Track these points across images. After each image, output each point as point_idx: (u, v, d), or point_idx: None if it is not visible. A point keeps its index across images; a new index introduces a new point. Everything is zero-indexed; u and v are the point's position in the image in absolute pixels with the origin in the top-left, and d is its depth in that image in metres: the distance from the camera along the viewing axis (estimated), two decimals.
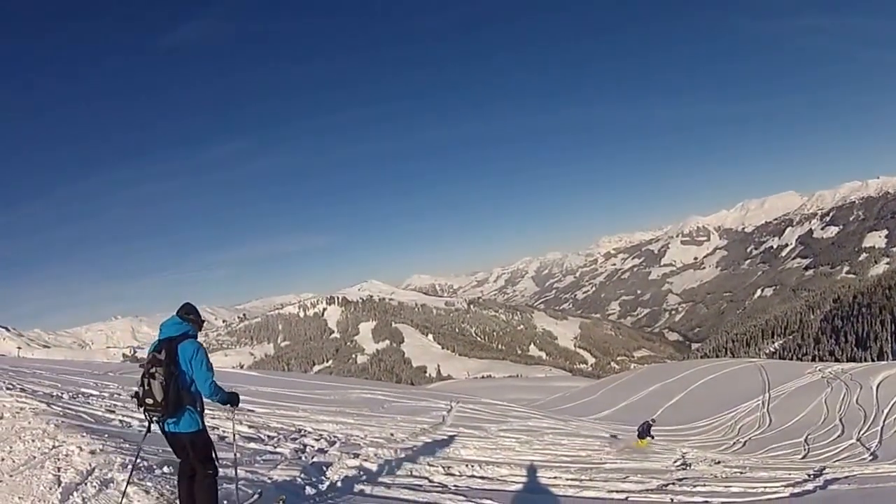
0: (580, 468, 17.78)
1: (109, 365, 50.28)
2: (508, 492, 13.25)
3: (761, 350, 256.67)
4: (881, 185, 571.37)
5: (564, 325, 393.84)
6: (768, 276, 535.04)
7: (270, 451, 14.75)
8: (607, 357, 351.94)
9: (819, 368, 74.78)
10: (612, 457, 23.04)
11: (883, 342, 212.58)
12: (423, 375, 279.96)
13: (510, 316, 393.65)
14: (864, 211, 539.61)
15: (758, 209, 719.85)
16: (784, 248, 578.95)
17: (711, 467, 21.81)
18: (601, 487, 14.37)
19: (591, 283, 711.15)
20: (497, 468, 15.76)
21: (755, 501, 14.08)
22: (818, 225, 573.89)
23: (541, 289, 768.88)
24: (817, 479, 17.92)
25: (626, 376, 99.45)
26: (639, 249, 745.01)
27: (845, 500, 14.80)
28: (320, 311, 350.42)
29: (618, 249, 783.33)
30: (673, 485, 15.59)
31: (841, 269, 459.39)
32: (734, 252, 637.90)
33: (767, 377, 69.90)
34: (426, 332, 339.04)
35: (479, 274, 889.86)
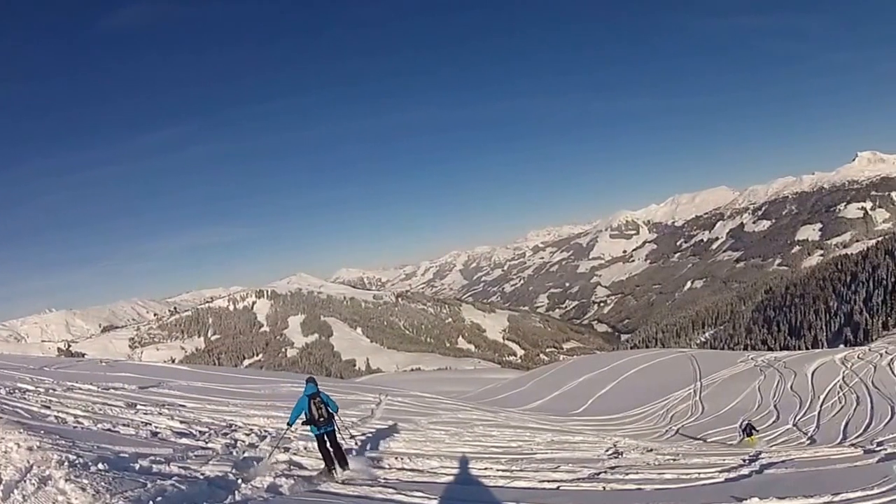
0: (511, 459, 17.85)
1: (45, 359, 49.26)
2: (439, 484, 13.20)
3: (692, 340, 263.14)
4: (815, 180, 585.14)
5: (493, 317, 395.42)
6: (698, 268, 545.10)
7: (202, 446, 14.67)
8: (536, 349, 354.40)
9: (751, 357, 75.90)
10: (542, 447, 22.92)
11: (817, 331, 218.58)
12: (353, 369, 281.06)
13: (438, 309, 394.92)
14: (798, 205, 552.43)
15: (689, 203, 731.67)
16: (714, 241, 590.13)
17: (644, 455, 22.00)
18: (532, 477, 14.39)
19: (519, 277, 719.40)
20: (427, 460, 15.87)
21: (689, 488, 14.22)
22: (750, 219, 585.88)
23: (469, 282, 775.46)
24: (753, 463, 18.14)
25: (555, 367, 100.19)
26: (567, 243, 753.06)
27: (782, 483, 14.82)
28: (249, 305, 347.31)
29: (546, 243, 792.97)
30: (605, 473, 15.66)
31: (773, 261, 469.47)
32: (664, 245, 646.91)
33: (699, 366, 70.71)
34: (355, 325, 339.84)
35: (408, 267, 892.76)
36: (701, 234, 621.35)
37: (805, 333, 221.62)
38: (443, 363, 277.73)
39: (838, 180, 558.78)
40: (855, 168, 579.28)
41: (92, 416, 17.02)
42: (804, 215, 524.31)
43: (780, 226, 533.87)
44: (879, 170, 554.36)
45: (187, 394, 27.14)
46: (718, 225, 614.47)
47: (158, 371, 40.91)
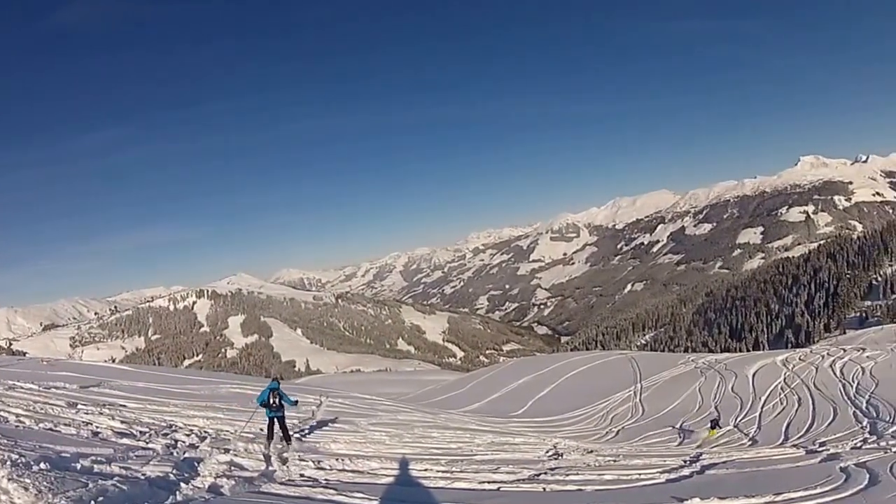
0: (451, 460, 17.82)
1: None
2: (379, 485, 13.24)
3: (632, 342, 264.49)
4: (758, 184, 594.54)
5: (433, 319, 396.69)
6: (639, 271, 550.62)
7: (143, 446, 14.58)
8: (476, 350, 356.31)
9: (692, 359, 76.01)
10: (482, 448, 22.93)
11: (759, 333, 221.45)
12: (293, 370, 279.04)
13: (378, 310, 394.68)
14: (740, 209, 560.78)
15: (630, 207, 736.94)
16: (655, 244, 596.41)
17: (584, 456, 22.11)
18: (472, 479, 14.45)
19: (459, 279, 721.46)
20: (367, 462, 15.85)
21: (630, 488, 14.35)
22: (691, 222, 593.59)
23: (409, 283, 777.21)
24: (694, 464, 18.37)
25: (495, 369, 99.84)
26: (508, 245, 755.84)
27: (724, 483, 15.03)
28: (190, 305, 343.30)
29: (486, 245, 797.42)
30: (545, 474, 15.73)
31: (714, 264, 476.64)
32: (604, 248, 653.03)
33: (639, 368, 70.85)
34: (295, 326, 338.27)
35: (348, 268, 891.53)
36: (642, 237, 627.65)
37: (746, 336, 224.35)
38: (383, 365, 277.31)
39: (780, 184, 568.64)
40: (797, 172, 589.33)
41: (33, 416, 16.95)
42: (746, 219, 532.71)
43: (721, 229, 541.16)
44: (822, 174, 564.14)
45: (128, 394, 26.92)
46: (659, 228, 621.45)
47: (99, 370, 40.45)
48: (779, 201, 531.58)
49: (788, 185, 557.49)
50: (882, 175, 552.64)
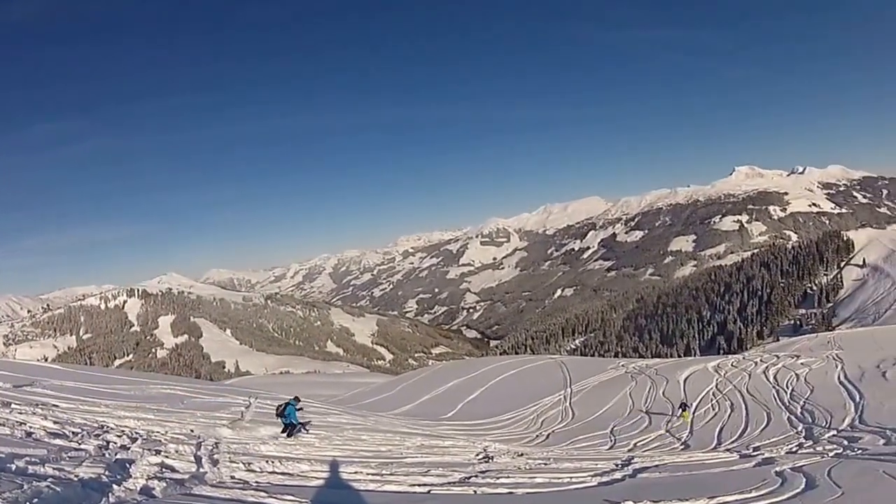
0: (381, 463, 17.79)
1: None
2: (310, 487, 13.16)
3: (562, 347, 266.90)
4: (691, 193, 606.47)
5: (362, 321, 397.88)
6: (568, 276, 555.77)
7: (75, 447, 14.18)
8: (405, 353, 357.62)
9: (622, 364, 76.41)
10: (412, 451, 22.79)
11: (690, 339, 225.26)
12: (222, 371, 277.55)
13: (307, 312, 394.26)
14: (672, 217, 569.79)
15: (561, 213, 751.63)
16: (586, 250, 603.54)
17: (514, 459, 22.00)
18: (403, 482, 14.42)
19: (388, 281, 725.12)
20: (297, 464, 15.70)
21: (562, 492, 14.42)
22: (622, 229, 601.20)
23: (338, 285, 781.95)
24: (626, 468, 18.39)
25: (424, 372, 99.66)
26: (437, 249, 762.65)
27: (656, 487, 15.11)
28: (121, 304, 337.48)
29: (416, 248, 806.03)
30: (476, 477, 15.68)
31: (645, 271, 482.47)
32: (534, 253, 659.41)
33: (569, 372, 70.97)
34: (224, 326, 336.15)
35: (277, 269, 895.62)
36: (572, 243, 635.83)
37: (677, 342, 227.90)
38: (312, 366, 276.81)
39: (714, 194, 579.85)
40: (732, 182, 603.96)
41: None
42: (678, 227, 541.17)
43: (653, 237, 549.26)
44: (757, 184, 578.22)
45: (61, 393, 26.32)
46: (590, 234, 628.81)
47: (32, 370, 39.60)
48: (712, 210, 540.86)
49: (722, 195, 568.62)
50: (819, 187, 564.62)
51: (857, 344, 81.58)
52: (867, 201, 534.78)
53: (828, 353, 64.68)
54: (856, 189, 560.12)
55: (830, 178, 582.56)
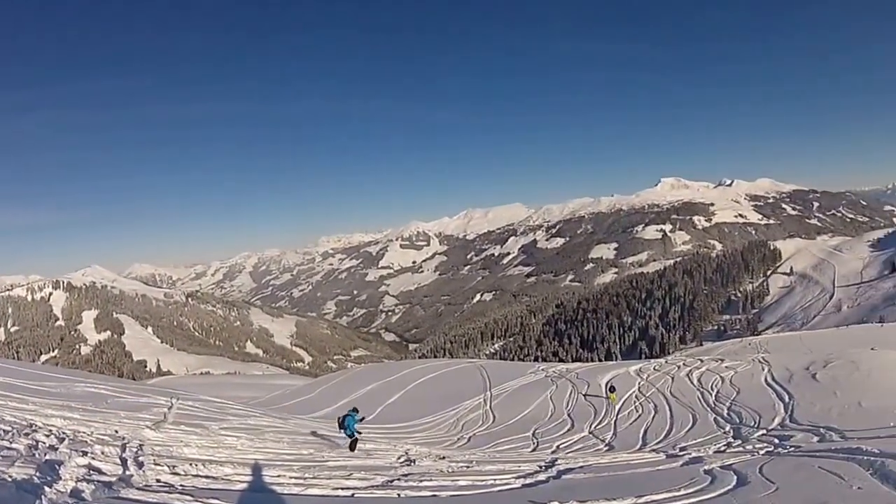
0: (303, 466, 17.59)
1: None
2: (234, 491, 12.98)
3: (481, 351, 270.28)
4: (614, 202, 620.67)
5: (281, 322, 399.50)
6: (488, 281, 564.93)
7: (7, 446, 13.68)
8: (324, 356, 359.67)
9: (542, 368, 76.54)
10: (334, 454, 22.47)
11: (611, 344, 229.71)
12: (144, 370, 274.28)
13: (227, 311, 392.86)
14: (594, 225, 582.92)
15: (482, 218, 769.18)
16: (506, 255, 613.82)
17: (436, 462, 21.84)
18: (326, 485, 14.25)
19: (307, 282, 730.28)
20: (221, 467, 15.31)
21: (485, 494, 14.39)
22: (544, 236, 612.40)
23: (258, 285, 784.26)
24: (550, 469, 18.28)
25: (343, 375, 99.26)
26: (357, 251, 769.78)
27: (582, 487, 15.06)
28: (46, 296, 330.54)
29: (336, 249, 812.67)
30: (398, 480, 15.62)
31: (565, 277, 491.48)
32: (454, 257, 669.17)
33: (489, 376, 70.93)
34: (146, 324, 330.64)
35: (198, 266, 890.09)
36: (492, 248, 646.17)
37: (598, 346, 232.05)
38: (232, 367, 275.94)
39: (638, 203, 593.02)
40: (657, 193, 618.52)
41: None
42: (600, 235, 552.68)
43: (574, 244, 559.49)
44: (683, 195, 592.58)
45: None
46: (511, 240, 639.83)
47: None
48: (635, 219, 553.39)
49: (646, 205, 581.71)
50: (746, 198, 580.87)
51: (785, 347, 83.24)
52: (797, 213, 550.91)
53: (754, 356, 65.44)
54: (785, 202, 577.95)
55: (759, 191, 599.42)
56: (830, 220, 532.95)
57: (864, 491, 11.51)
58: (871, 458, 14.46)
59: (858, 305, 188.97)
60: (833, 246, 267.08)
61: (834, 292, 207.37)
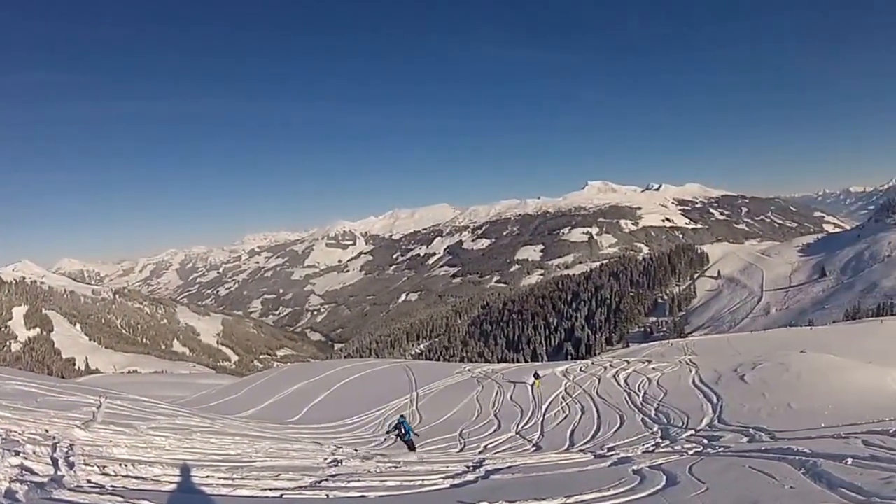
0: (231, 467, 17.05)
1: None
2: (163, 492, 12.65)
3: (406, 351, 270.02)
4: (541, 204, 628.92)
5: (207, 321, 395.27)
6: (413, 281, 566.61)
7: None
8: (250, 355, 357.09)
9: (468, 368, 76.63)
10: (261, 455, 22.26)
11: (537, 345, 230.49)
12: (73, 368, 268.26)
13: (154, 309, 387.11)
14: (520, 227, 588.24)
15: (408, 218, 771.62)
16: (432, 256, 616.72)
17: (364, 463, 21.58)
18: (254, 486, 14.00)
19: (234, 280, 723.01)
20: (150, 468, 14.76)
21: (414, 494, 14.39)
22: (470, 237, 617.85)
23: (184, 282, 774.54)
24: (478, 470, 18.26)
25: (269, 374, 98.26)
26: (283, 249, 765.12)
27: (511, 487, 15.07)
28: None
29: (262, 248, 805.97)
30: (327, 481, 15.41)
31: (491, 278, 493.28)
32: (380, 257, 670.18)
33: (415, 376, 70.87)
34: (75, 321, 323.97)
35: (126, 263, 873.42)
36: (418, 248, 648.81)
37: (524, 347, 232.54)
38: (159, 366, 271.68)
39: (565, 206, 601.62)
40: (584, 196, 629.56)
41: None
42: (526, 236, 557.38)
43: (500, 245, 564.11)
44: (610, 199, 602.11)
45: None
46: (437, 241, 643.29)
47: None
48: (562, 221, 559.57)
49: (573, 207, 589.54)
50: (674, 203, 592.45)
51: (713, 349, 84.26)
52: (725, 218, 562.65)
53: (681, 358, 66.22)
54: (714, 206, 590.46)
55: (687, 196, 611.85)
56: (759, 226, 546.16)
57: (797, 490, 11.61)
58: (802, 458, 14.67)
59: (787, 309, 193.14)
60: (761, 250, 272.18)
61: (762, 296, 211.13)
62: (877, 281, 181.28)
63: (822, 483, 11.71)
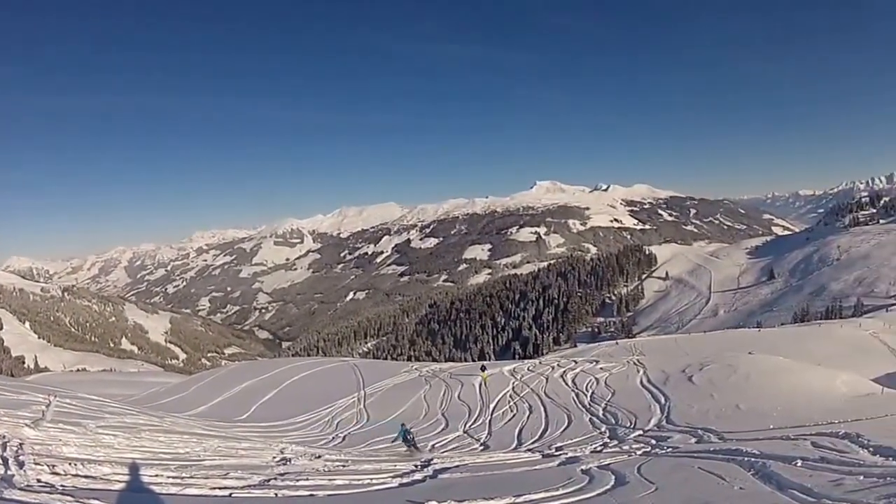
0: (180, 465, 17.19)
1: None
2: (113, 491, 12.70)
3: (354, 350, 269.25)
4: (489, 204, 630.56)
5: (155, 318, 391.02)
6: (361, 280, 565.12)
7: None
8: (198, 353, 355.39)
9: (415, 367, 76.48)
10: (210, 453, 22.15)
11: (484, 344, 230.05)
12: (22, 366, 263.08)
13: (103, 307, 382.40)
14: (468, 226, 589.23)
15: (356, 217, 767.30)
16: (379, 254, 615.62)
17: (312, 462, 21.66)
18: (203, 485, 14.12)
19: (181, 278, 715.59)
20: (100, 467, 14.81)
21: (363, 493, 14.49)
22: (417, 236, 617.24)
23: (133, 280, 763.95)
24: (426, 469, 18.43)
25: (217, 372, 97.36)
26: (231, 247, 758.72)
27: (459, 486, 15.16)
28: None
29: (210, 245, 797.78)
30: (275, 480, 15.49)
31: (438, 277, 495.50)
32: (327, 256, 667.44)
33: (362, 375, 70.61)
34: (24, 319, 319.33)
35: (75, 260, 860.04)
36: (366, 247, 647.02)
37: (471, 346, 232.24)
38: (107, 364, 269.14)
39: (513, 206, 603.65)
40: (532, 195, 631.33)
41: None
42: (474, 236, 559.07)
43: (447, 244, 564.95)
44: (558, 199, 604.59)
45: None
46: (384, 239, 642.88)
47: None
48: (510, 221, 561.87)
49: (521, 207, 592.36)
50: (623, 204, 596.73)
51: (660, 350, 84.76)
52: (673, 219, 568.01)
53: (629, 358, 66.45)
54: (662, 208, 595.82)
55: (636, 196, 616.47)
56: (707, 227, 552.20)
57: (746, 491, 11.79)
58: (751, 460, 14.93)
59: (735, 311, 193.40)
60: (710, 252, 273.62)
61: (710, 297, 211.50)
62: (825, 284, 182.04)
63: (772, 484, 11.86)
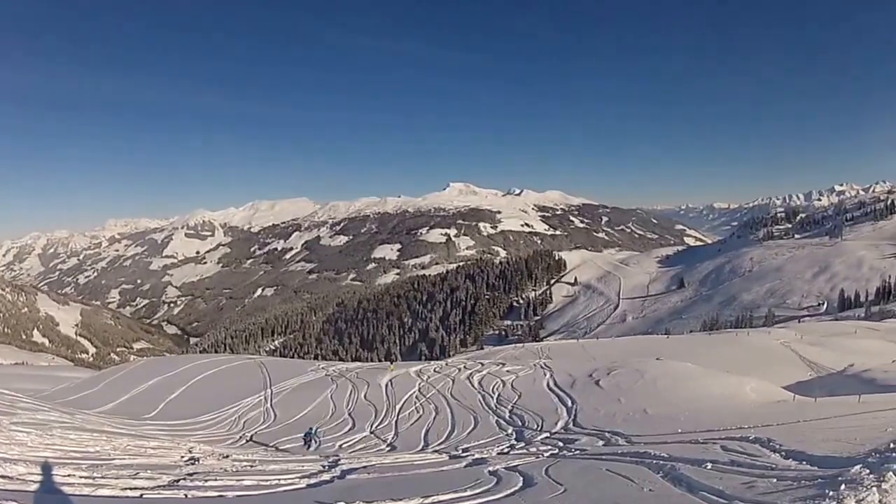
0: (91, 465, 16.86)
1: None
2: (28, 492, 12.43)
3: (261, 347, 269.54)
4: (401, 203, 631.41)
5: (67, 310, 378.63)
6: (270, 276, 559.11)
7: None
8: (108, 347, 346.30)
9: (322, 366, 76.39)
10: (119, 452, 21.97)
11: (391, 344, 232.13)
12: None
13: (16, 296, 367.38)
14: (379, 225, 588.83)
15: (268, 211, 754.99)
16: (289, 250, 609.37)
17: (220, 461, 21.61)
18: (115, 485, 13.82)
19: (93, 268, 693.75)
20: (14, 466, 14.60)
21: (271, 494, 14.42)
22: (328, 233, 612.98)
23: (46, 269, 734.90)
24: (333, 469, 18.50)
25: (126, 368, 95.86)
26: (143, 237, 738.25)
27: (367, 487, 15.28)
28: None
29: (123, 235, 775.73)
30: (184, 480, 15.37)
31: (347, 275, 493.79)
32: (238, 250, 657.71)
33: (269, 373, 70.30)
34: None
35: None
36: (276, 242, 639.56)
37: (378, 346, 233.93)
38: (19, 357, 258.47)
39: (425, 206, 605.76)
40: (445, 197, 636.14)
41: None
42: (384, 235, 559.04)
43: (357, 242, 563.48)
44: (470, 201, 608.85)
45: None
46: (295, 235, 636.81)
47: None
48: (420, 221, 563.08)
49: (433, 208, 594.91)
50: (534, 208, 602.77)
51: (567, 354, 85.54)
52: (585, 226, 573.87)
53: (535, 361, 67.06)
54: (574, 214, 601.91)
55: (548, 202, 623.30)
56: (619, 235, 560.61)
57: (656, 493, 12.02)
58: (660, 462, 15.22)
59: (644, 317, 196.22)
60: (620, 259, 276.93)
61: (619, 304, 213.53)
62: (736, 294, 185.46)
63: (682, 486, 12.05)
